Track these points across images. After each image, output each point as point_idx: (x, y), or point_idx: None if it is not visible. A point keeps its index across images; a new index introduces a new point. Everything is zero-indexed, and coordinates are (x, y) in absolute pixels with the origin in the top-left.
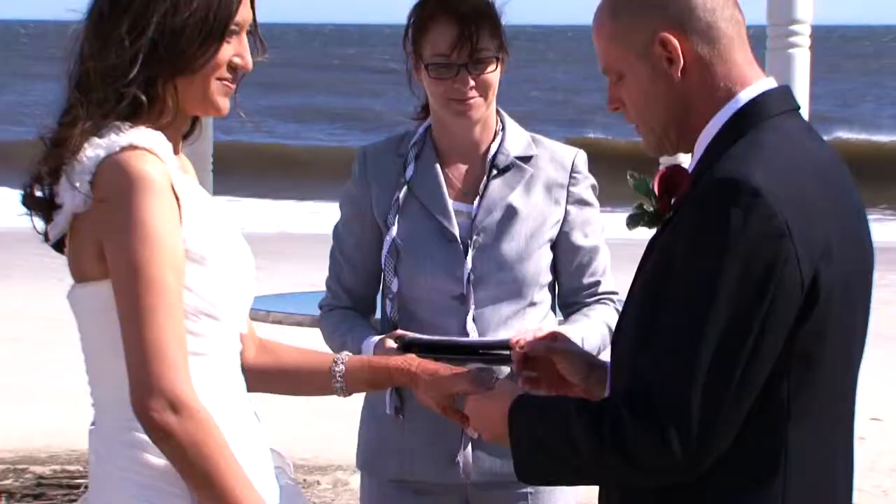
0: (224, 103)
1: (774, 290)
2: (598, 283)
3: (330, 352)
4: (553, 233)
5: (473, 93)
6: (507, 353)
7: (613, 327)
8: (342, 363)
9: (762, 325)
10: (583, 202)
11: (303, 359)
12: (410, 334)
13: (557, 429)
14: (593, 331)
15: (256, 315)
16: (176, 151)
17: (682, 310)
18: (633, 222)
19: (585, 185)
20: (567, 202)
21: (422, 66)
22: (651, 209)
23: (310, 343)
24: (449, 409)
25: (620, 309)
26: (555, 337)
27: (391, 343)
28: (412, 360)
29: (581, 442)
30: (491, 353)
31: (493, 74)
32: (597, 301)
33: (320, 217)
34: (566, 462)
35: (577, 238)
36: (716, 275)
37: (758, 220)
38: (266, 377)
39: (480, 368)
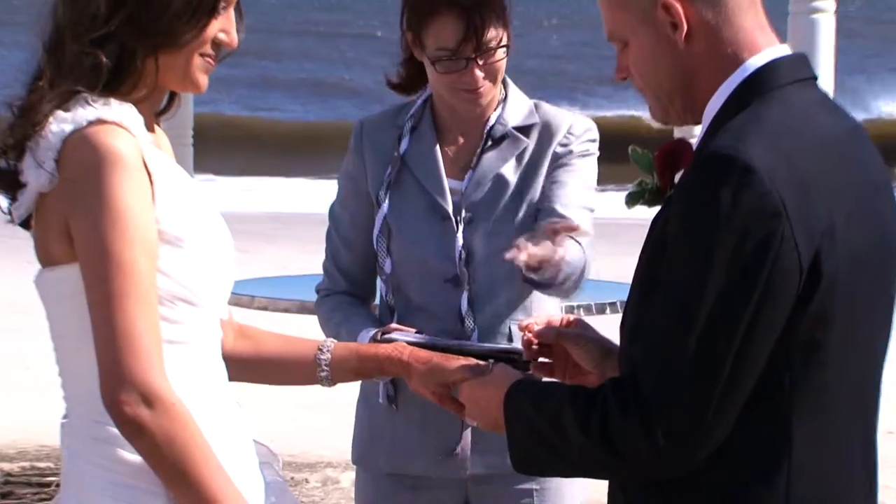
0: (204, 81)
1: (769, 272)
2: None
3: (315, 338)
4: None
5: (483, 82)
6: (519, 356)
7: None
8: (328, 351)
9: (755, 311)
10: (566, 166)
11: (285, 346)
12: (409, 338)
13: (550, 417)
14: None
15: (240, 300)
16: (150, 126)
17: (671, 295)
18: (632, 200)
19: (576, 151)
20: (549, 164)
21: (423, 53)
22: (652, 186)
23: (298, 332)
24: (445, 399)
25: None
26: (568, 322)
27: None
28: (403, 349)
29: (571, 432)
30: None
31: (502, 60)
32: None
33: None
34: (559, 453)
35: (553, 203)
36: (705, 257)
37: (750, 198)
38: (245, 365)
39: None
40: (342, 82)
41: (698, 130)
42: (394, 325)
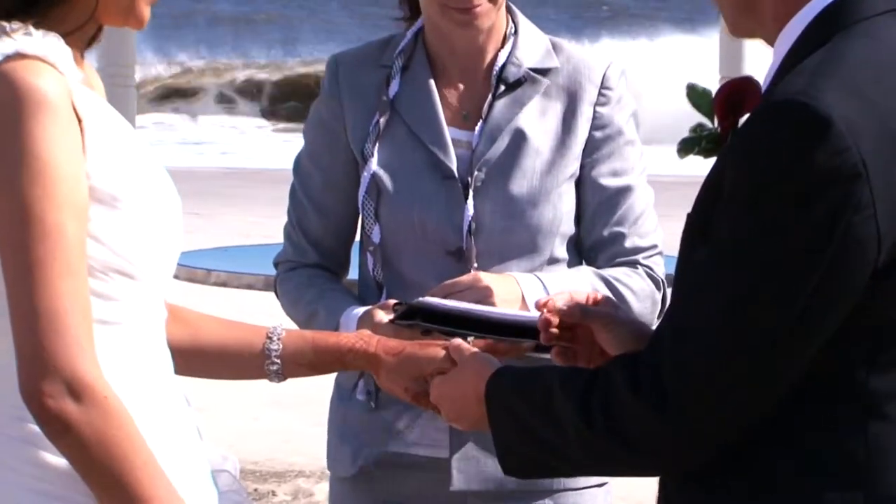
0: (147, 14)
1: (838, 244)
2: (620, 238)
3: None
4: (576, 167)
5: None
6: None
7: (627, 294)
8: (278, 340)
9: (815, 289)
10: (612, 127)
11: (227, 333)
12: (437, 302)
13: (540, 407)
14: (569, 285)
15: (194, 275)
16: (79, 61)
17: (716, 261)
18: (685, 148)
19: (619, 107)
20: (592, 126)
21: None
22: (711, 132)
23: (264, 312)
24: (421, 397)
25: (653, 275)
26: (596, 300)
27: (382, 316)
28: (369, 339)
29: (567, 422)
30: (519, 333)
31: None
32: (620, 264)
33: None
34: (555, 449)
35: (601, 175)
36: (762, 222)
37: (824, 155)
38: (180, 356)
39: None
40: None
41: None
42: (391, 301)
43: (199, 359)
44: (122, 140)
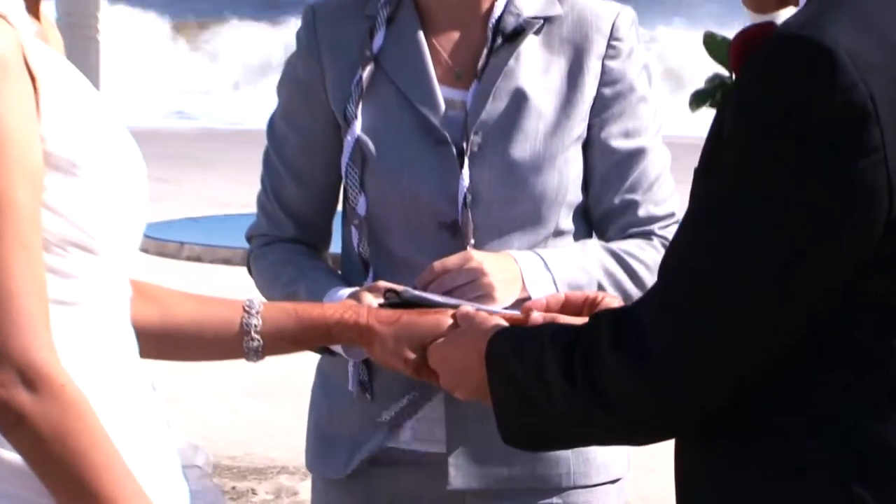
0: None
1: (842, 191)
2: (633, 206)
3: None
4: (583, 128)
5: None
6: None
7: (640, 270)
8: (257, 313)
9: (816, 239)
10: (623, 83)
11: (201, 309)
12: (409, 289)
13: (531, 365)
14: (574, 263)
15: (165, 248)
16: (34, 12)
17: (706, 204)
18: (697, 101)
19: (631, 60)
20: (600, 82)
21: None
22: (727, 82)
23: (245, 289)
24: (423, 369)
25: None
26: (595, 302)
27: (370, 300)
28: (358, 309)
29: (552, 382)
30: None
31: None
32: (632, 235)
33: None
34: (544, 413)
35: (612, 136)
36: (758, 166)
37: (827, 92)
38: (149, 337)
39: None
40: None
41: None
42: (383, 283)
43: (169, 339)
44: (81, 100)
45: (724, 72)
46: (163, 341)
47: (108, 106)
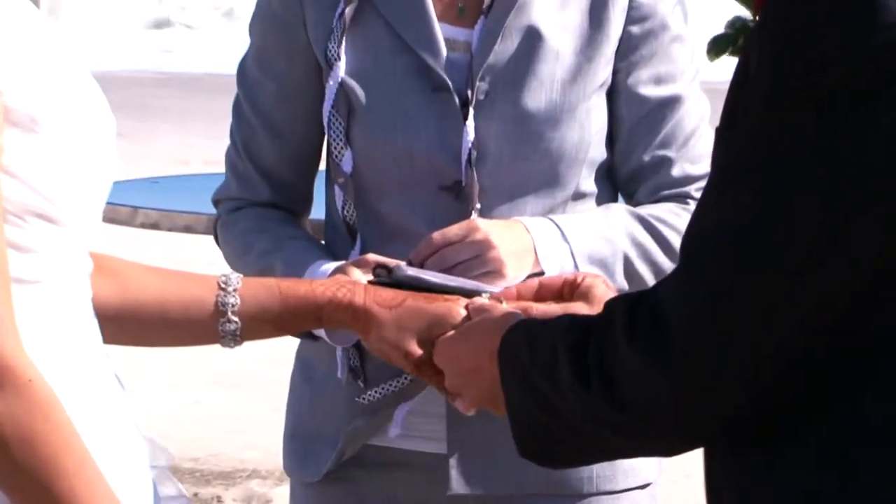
0: None
1: (884, 146)
2: (666, 164)
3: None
4: (608, 73)
5: None
6: None
7: (674, 239)
8: (234, 291)
9: (856, 200)
10: (654, 20)
11: (168, 286)
12: (403, 266)
13: (545, 364)
14: (596, 231)
15: (116, 214)
16: None
17: (732, 175)
18: (716, 48)
19: (670, 10)
20: (627, 18)
21: None
22: (750, 25)
23: (209, 260)
24: (426, 366)
25: None
26: (573, 284)
27: (358, 276)
28: (353, 287)
29: (565, 380)
30: None
31: None
32: (665, 199)
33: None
34: (561, 419)
35: (641, 82)
36: (785, 116)
37: (866, 31)
38: (108, 318)
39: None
40: None
41: None
42: (372, 257)
43: (130, 321)
44: (41, 43)
45: (747, 13)
46: (122, 324)
47: (71, 50)
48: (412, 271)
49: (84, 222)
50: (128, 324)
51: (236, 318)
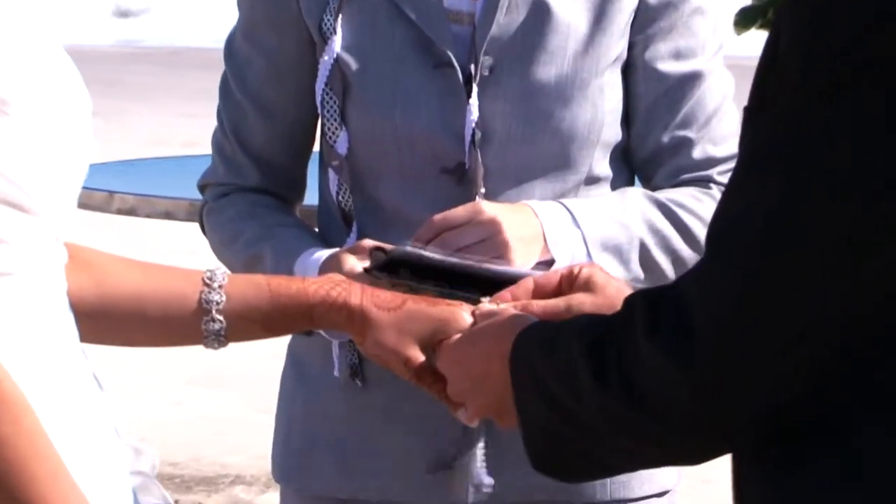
0: None
1: None
2: (687, 145)
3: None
4: (623, 47)
5: None
6: None
7: (695, 226)
8: (219, 288)
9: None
10: (688, 18)
11: (148, 281)
12: (401, 247)
13: (561, 366)
14: (610, 216)
15: (90, 199)
16: None
17: (762, 158)
18: (744, 20)
19: None
20: None
21: None
22: None
23: (190, 249)
24: (425, 373)
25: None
26: (570, 276)
27: (353, 263)
28: (349, 286)
29: (583, 382)
30: None
31: None
32: (685, 182)
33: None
34: (577, 425)
35: (659, 57)
36: (821, 99)
37: None
38: (80, 315)
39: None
40: None
41: None
42: (368, 242)
43: (106, 318)
44: (9, 18)
45: None
46: (96, 321)
47: (42, 24)
48: (412, 249)
49: (58, 210)
50: (102, 321)
51: (221, 317)
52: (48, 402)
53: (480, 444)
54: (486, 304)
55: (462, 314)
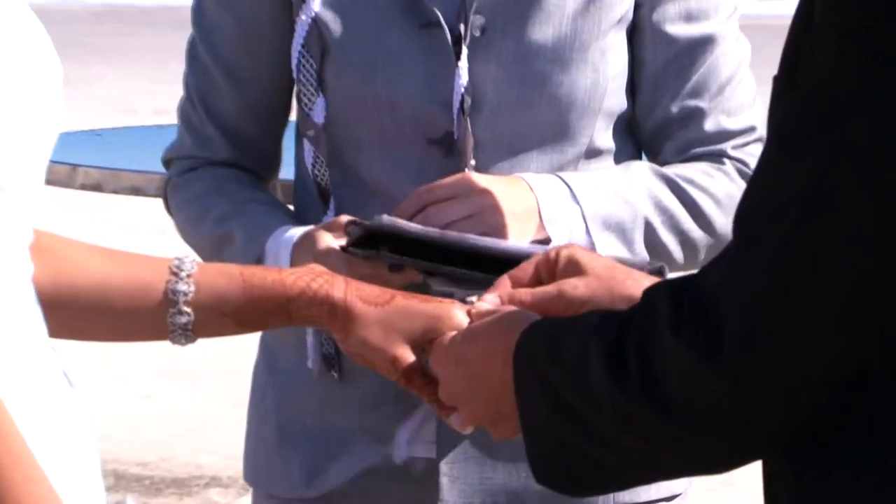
0: None
1: None
2: (698, 116)
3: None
4: (628, 7)
5: None
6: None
7: (706, 204)
8: (186, 277)
9: None
10: None
11: (109, 269)
12: (380, 218)
13: (572, 366)
14: (612, 192)
15: (53, 172)
16: None
17: (796, 134)
18: None
19: None
20: None
21: None
22: None
23: (160, 229)
24: (415, 375)
25: (748, 173)
26: (548, 261)
27: (329, 241)
28: (331, 278)
29: (597, 383)
30: None
31: None
32: (696, 157)
33: None
34: (590, 432)
35: (668, 18)
36: (859, 70)
37: None
38: (42, 306)
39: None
40: None
41: None
42: (345, 217)
43: (66, 309)
44: None
45: None
46: (55, 312)
47: None
48: (393, 221)
49: (25, 186)
50: (62, 313)
51: (189, 310)
52: (19, 401)
53: (466, 444)
54: (484, 303)
55: (457, 311)
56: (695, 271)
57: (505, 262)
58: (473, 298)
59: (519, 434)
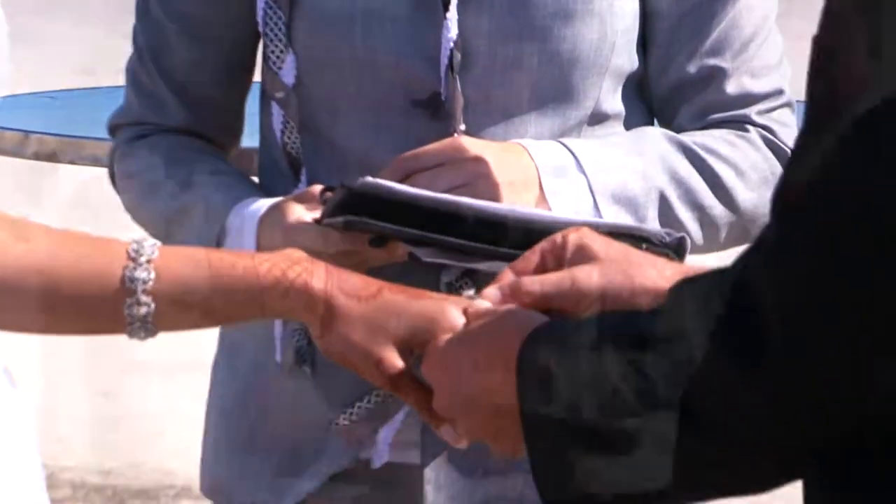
0: None
1: None
2: (719, 77)
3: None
4: None
5: None
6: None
7: (727, 176)
8: (148, 262)
9: None
10: None
11: (58, 252)
12: (364, 180)
13: (588, 375)
14: (623, 161)
15: (2, 140)
16: None
17: (835, 111)
18: None
19: None
20: None
21: None
22: None
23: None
24: (403, 381)
25: (775, 142)
26: (554, 248)
27: (301, 213)
28: (310, 265)
29: (617, 392)
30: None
31: None
32: (716, 123)
33: None
34: (607, 451)
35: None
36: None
37: None
38: None
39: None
40: None
41: None
42: (319, 187)
43: (7, 298)
44: None
45: None
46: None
47: None
48: (375, 181)
49: None
50: (2, 302)
51: (148, 300)
52: None
53: (452, 448)
54: (481, 302)
55: (451, 310)
56: (724, 265)
57: (506, 233)
58: (471, 293)
59: (522, 451)
